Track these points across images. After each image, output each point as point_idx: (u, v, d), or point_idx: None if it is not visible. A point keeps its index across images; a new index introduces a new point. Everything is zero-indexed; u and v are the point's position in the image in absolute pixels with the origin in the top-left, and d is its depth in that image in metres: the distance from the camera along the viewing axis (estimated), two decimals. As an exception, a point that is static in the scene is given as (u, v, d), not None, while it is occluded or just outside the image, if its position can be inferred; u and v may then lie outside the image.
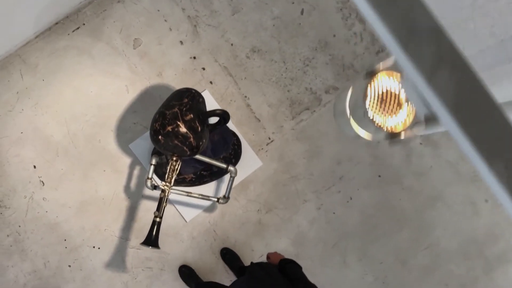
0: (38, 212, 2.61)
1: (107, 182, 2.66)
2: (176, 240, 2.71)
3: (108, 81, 2.69)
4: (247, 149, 2.77)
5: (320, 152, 2.88)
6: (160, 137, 1.72)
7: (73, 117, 2.66)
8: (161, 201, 1.84)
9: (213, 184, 2.72)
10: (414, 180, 2.95)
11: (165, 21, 2.77)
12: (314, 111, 2.89)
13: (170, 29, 2.77)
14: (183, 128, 1.68)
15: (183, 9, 2.78)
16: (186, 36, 2.79)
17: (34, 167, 2.62)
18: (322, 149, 2.88)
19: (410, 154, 2.95)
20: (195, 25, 2.80)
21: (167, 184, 1.81)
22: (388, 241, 2.91)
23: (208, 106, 2.29)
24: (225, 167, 2.11)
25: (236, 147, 2.65)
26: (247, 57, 2.85)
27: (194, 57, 2.79)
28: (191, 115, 1.70)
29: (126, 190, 2.67)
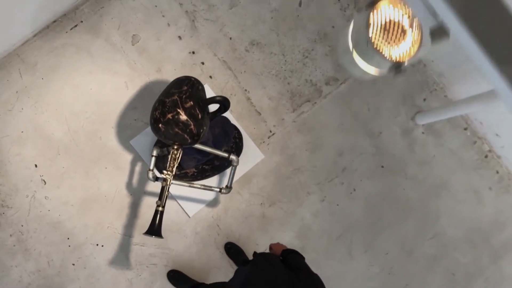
0: (41, 211, 2.60)
1: (109, 179, 2.65)
2: (180, 236, 2.69)
3: (108, 78, 2.69)
4: (249, 143, 2.75)
5: (322, 144, 2.87)
6: (161, 125, 1.71)
7: (73, 115, 2.65)
8: (163, 190, 1.82)
9: (215, 179, 2.70)
10: (418, 170, 2.93)
11: (163, 17, 2.76)
12: (315, 103, 2.88)
13: (168, 25, 2.76)
14: (183, 116, 1.67)
15: (181, 4, 2.77)
16: (184, 31, 2.78)
17: (36, 166, 2.60)
18: (324, 141, 2.87)
19: (413, 144, 2.94)
20: (193, 20, 2.79)
21: (169, 173, 1.80)
22: (393, 232, 2.89)
23: (209, 100, 2.28)
24: (227, 156, 2.09)
25: (238, 141, 2.64)
26: (246, 51, 2.84)
27: (193, 52, 2.78)
28: (191, 103, 1.68)
29: (128, 187, 2.66)
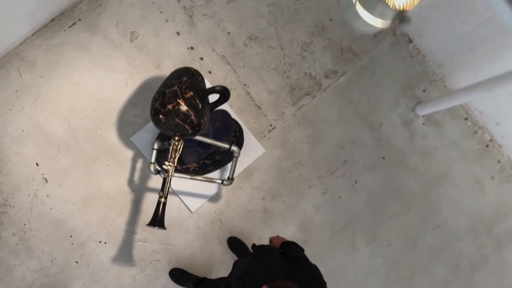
0: (43, 209, 2.60)
1: (111, 176, 2.65)
2: (182, 232, 2.69)
3: (107, 75, 2.69)
4: (249, 137, 2.75)
5: (323, 137, 2.87)
6: (161, 116, 1.71)
7: (73, 113, 2.65)
8: (165, 181, 1.83)
9: (216, 173, 2.70)
10: (419, 161, 2.93)
11: (161, 13, 2.76)
12: (315, 96, 2.88)
13: (166, 21, 2.77)
14: (184, 106, 1.67)
15: (178, 0, 2.77)
16: (183, 27, 2.78)
17: (37, 165, 2.61)
18: (325, 134, 2.87)
19: (414, 135, 2.94)
20: (191, 16, 2.79)
21: (171, 164, 1.80)
22: (396, 223, 2.89)
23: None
24: (228, 147, 2.09)
25: (238, 135, 2.64)
26: (245, 45, 2.84)
27: (192, 48, 2.78)
28: (191, 93, 1.69)
29: (130, 183, 2.66)
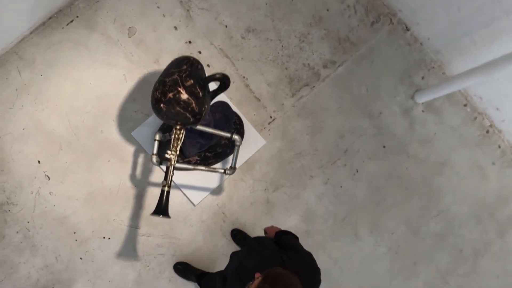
0: (46, 207, 2.60)
1: (113, 172, 2.66)
2: (186, 225, 2.70)
3: (106, 72, 2.69)
4: (250, 129, 2.76)
5: (323, 127, 2.87)
6: (162, 105, 1.72)
7: (74, 110, 2.66)
8: (168, 170, 1.83)
9: (218, 166, 2.71)
10: (419, 148, 2.93)
11: (158, 8, 2.77)
12: (314, 87, 2.88)
13: (164, 16, 2.77)
14: (184, 94, 1.67)
15: (175, -5, 2.78)
16: (180, 21, 2.79)
17: (39, 162, 2.61)
18: (325, 124, 2.87)
19: (413, 122, 2.94)
20: (188, 10, 2.80)
21: (173, 153, 1.80)
22: (398, 211, 2.90)
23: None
24: (230, 136, 2.10)
25: (239, 127, 2.65)
26: (242, 38, 2.85)
27: (190, 42, 2.79)
28: (191, 81, 1.69)
29: (132, 179, 2.66)
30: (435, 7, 2.70)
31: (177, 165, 1.96)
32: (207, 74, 2.77)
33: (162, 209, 1.80)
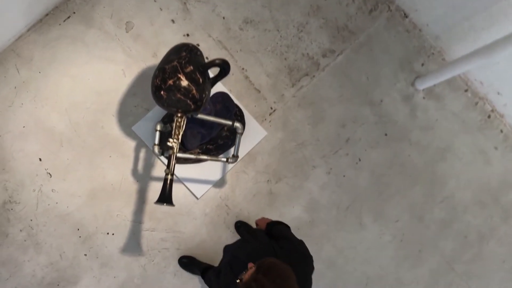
0: (49, 204, 2.60)
1: (114, 167, 2.65)
2: (190, 219, 2.69)
3: (105, 67, 2.68)
4: (251, 121, 2.75)
5: (324, 117, 2.86)
6: (163, 92, 1.70)
7: (74, 106, 2.65)
8: (170, 158, 1.82)
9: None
10: (421, 135, 2.92)
11: (155, 1, 2.76)
12: (314, 76, 2.87)
13: (161, 9, 2.76)
14: (185, 81, 1.66)
15: (171, -12, 2.77)
16: (177, 14, 2.78)
17: (40, 160, 2.60)
18: (326, 114, 2.86)
19: (414, 109, 2.93)
20: (185, 2, 2.78)
21: (175, 141, 1.79)
22: (402, 199, 2.89)
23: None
24: (231, 124, 2.09)
25: (239, 118, 2.64)
26: (240, 29, 2.83)
27: (187, 34, 2.78)
28: (191, 67, 1.68)
29: (134, 173, 2.66)
30: (433, -8, 2.68)
31: (179, 155, 1.95)
32: (206, 67, 2.77)
33: (166, 197, 1.80)
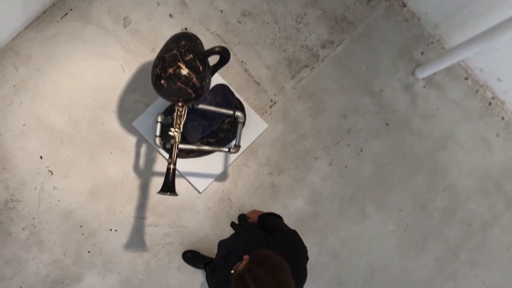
0: (51, 202, 2.59)
1: (116, 164, 2.64)
2: (193, 213, 2.68)
3: (103, 63, 2.67)
4: (251, 114, 2.74)
5: (324, 108, 2.85)
6: (163, 81, 1.69)
7: (73, 103, 2.64)
8: (172, 148, 1.81)
9: (221, 154, 2.69)
10: (423, 124, 2.91)
11: (152, -4, 2.75)
12: (313, 68, 2.86)
13: (158, 4, 2.75)
14: (185, 69, 1.65)
15: (168, -18, 2.76)
16: (175, 9, 2.77)
17: (41, 158, 2.59)
18: (326, 105, 2.85)
19: (415, 98, 2.92)
20: (182, -3, 2.78)
21: (176, 130, 1.79)
22: (405, 188, 2.88)
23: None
24: (232, 113, 2.08)
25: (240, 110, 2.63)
26: (239, 22, 2.82)
27: (186, 29, 2.77)
28: (191, 55, 1.67)
29: (136, 169, 2.65)
30: (431, -20, 2.67)
31: (181, 146, 1.94)
32: (205, 61, 2.76)
33: (169, 186, 1.79)
